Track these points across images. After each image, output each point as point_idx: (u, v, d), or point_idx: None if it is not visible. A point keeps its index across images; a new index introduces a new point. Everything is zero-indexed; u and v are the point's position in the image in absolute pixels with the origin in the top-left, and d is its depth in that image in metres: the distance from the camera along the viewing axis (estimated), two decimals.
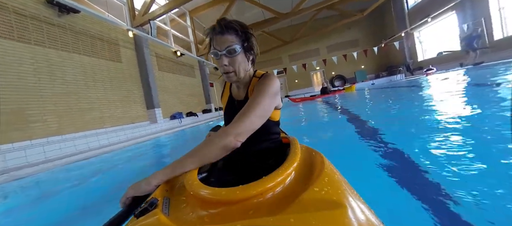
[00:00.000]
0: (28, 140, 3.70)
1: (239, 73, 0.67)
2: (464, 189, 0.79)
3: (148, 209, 0.37)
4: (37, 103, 3.93)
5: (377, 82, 12.79)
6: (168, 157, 3.09)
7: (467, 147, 1.16)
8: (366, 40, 16.04)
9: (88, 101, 4.91)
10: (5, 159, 3.06)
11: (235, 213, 0.35)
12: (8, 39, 3.64)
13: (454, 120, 1.76)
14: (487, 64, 7.45)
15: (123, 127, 5.70)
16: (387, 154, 1.33)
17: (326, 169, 0.42)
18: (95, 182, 2.08)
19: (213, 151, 0.54)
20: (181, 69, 9.41)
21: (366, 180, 1.03)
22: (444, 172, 0.94)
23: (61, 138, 4.22)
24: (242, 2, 10.03)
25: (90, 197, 1.58)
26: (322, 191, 0.34)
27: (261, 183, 0.38)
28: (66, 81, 4.51)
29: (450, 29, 10.21)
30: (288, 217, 0.28)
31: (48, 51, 4.25)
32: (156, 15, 6.55)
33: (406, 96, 4.42)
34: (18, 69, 3.72)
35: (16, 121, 3.58)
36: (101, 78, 5.34)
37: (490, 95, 2.57)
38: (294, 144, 0.58)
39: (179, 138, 4.84)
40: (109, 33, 5.82)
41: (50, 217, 1.30)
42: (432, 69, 9.65)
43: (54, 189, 2.09)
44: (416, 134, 1.69)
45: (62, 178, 2.56)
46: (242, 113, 0.59)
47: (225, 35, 0.64)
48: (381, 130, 1.94)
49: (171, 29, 8.98)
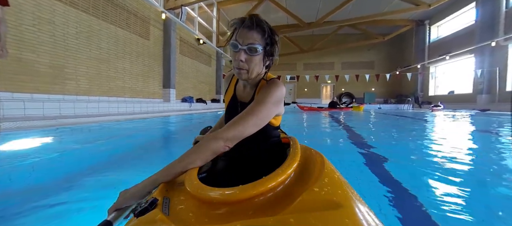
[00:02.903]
0: (61, 95, 4.13)
1: (251, 73, 0.66)
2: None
3: (148, 209, 0.37)
4: (74, 64, 4.36)
5: (383, 107, 12.96)
6: (176, 134, 3.41)
7: (459, 184, 1.27)
8: (381, 64, 16.17)
9: (115, 70, 5.33)
10: (43, 107, 3.49)
11: (235, 213, 0.35)
12: (60, 2, 4.06)
13: (447, 154, 1.97)
14: (493, 112, 7.61)
15: (140, 99, 6.13)
16: (379, 170, 1.54)
17: (326, 169, 0.42)
18: (113, 143, 2.42)
19: (203, 154, 0.55)
20: (199, 56, 9.80)
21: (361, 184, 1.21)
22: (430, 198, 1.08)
23: (87, 99, 4.65)
24: (269, 3, 10.33)
25: (108, 155, 1.93)
26: (322, 191, 0.34)
27: (261, 183, 0.38)
28: (100, 48, 4.93)
29: (465, 71, 10.33)
30: (288, 217, 0.28)
31: (90, 18, 4.66)
32: (189, 2, 6.92)
33: (406, 125, 4.69)
34: (65, 30, 4.14)
35: (57, 75, 4.01)
36: (129, 51, 5.76)
37: (488, 141, 2.80)
38: (294, 144, 0.58)
39: (187, 121, 5.14)
40: (144, 11, 6.22)
41: (80, 164, 1.67)
42: (439, 106, 9.79)
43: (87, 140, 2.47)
44: (406, 158, 1.93)
45: (86, 134, 2.93)
46: (238, 117, 0.59)
47: (252, 31, 0.62)
48: (373, 146, 2.25)
49: (197, 16, 9.36)
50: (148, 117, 5.32)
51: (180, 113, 6.79)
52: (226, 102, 0.79)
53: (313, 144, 2.66)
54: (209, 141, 0.56)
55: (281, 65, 17.08)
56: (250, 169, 0.64)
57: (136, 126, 3.83)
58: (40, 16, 3.73)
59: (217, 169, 0.69)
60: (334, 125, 4.55)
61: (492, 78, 8.57)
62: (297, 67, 17.33)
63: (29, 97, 3.59)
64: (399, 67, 14.34)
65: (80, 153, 1.96)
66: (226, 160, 0.71)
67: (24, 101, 3.21)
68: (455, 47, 10.21)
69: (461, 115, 6.96)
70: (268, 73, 0.72)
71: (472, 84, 9.78)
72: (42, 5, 3.76)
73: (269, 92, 0.62)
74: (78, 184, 1.20)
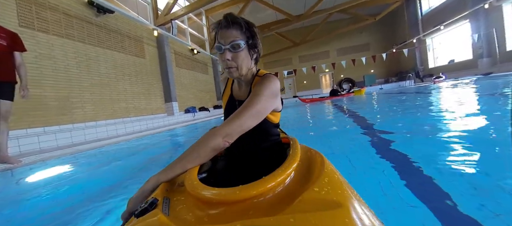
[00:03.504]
0: (70, 124, 4.29)
1: (241, 69, 0.67)
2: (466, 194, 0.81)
3: (148, 209, 0.37)
4: (78, 92, 4.52)
5: (385, 87, 12.88)
6: (184, 145, 3.54)
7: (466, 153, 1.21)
8: (377, 45, 16.08)
9: (117, 92, 5.49)
10: (55, 138, 3.64)
11: (235, 213, 0.35)
12: (58, 36, 4.22)
13: (452, 125, 1.93)
14: (496, 75, 7.52)
15: (145, 117, 6.27)
16: (385, 150, 1.48)
17: (326, 169, 0.42)
18: (126, 161, 2.55)
19: (203, 152, 0.55)
20: (195, 66, 9.94)
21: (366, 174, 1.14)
22: (439, 171, 1.02)
23: (95, 124, 4.80)
24: (256, 3, 10.42)
25: (124, 172, 2.04)
26: (322, 191, 0.35)
27: (261, 183, 0.39)
28: (101, 74, 5.09)
29: (463, 38, 10.21)
30: (288, 217, 0.28)
31: (87, 47, 4.83)
32: (178, 15, 7.06)
33: (409, 101, 4.69)
34: (66, 62, 4.31)
35: (64, 106, 4.17)
36: (128, 72, 5.92)
37: (495, 104, 2.74)
38: (294, 144, 0.58)
39: (193, 131, 5.25)
40: (136, 31, 6.38)
41: (102, 183, 1.78)
42: (441, 77, 9.71)
43: (102, 163, 2.59)
44: (410, 136, 1.91)
45: (101, 157, 3.06)
46: (235, 113, 0.60)
47: (230, 29, 0.64)
48: (377, 127, 2.29)
49: (188, 27, 9.51)
50: (155, 132, 5.44)
51: (185, 124, 6.91)
52: (224, 102, 0.81)
53: (319, 135, 2.66)
54: (207, 138, 0.56)
55: (277, 61, 17.14)
56: (250, 169, 0.64)
57: (145, 143, 3.95)
58: (41, 53, 3.90)
59: (217, 169, 0.69)
60: (337, 113, 4.59)
61: (490, 41, 8.46)
62: (293, 61, 17.35)
63: (41, 131, 3.75)
64: (395, 45, 14.23)
65: (100, 174, 2.07)
66: (226, 160, 0.72)
67: (38, 136, 3.36)
68: (448, 15, 10.10)
69: (464, 83, 6.90)
70: (261, 70, 0.74)
71: (471, 50, 9.66)
72: (41, 42, 3.93)
73: (263, 85, 0.63)
74: (102, 201, 1.30)
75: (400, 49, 12.97)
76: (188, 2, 8.50)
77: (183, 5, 7.90)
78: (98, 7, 4.98)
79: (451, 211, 0.73)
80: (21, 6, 3.69)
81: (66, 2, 4.46)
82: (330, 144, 2.02)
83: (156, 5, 7.32)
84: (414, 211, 0.76)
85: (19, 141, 3.15)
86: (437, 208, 0.75)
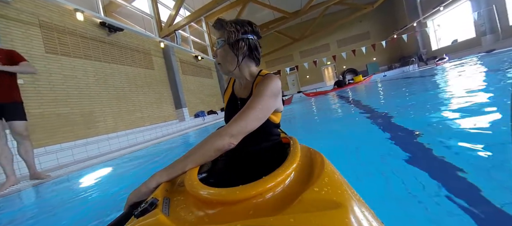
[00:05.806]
0: (96, 136, 4.69)
1: (224, 65, 0.74)
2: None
3: (148, 209, 0.37)
4: (99, 107, 4.92)
5: (389, 74, 12.86)
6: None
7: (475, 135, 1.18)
8: (377, 32, 16.00)
9: (132, 103, 5.88)
10: (86, 150, 4.03)
11: (235, 213, 0.35)
12: (78, 58, 4.63)
13: (455, 106, 1.92)
14: (499, 51, 7.47)
15: (159, 124, 6.66)
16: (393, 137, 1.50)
17: (326, 169, 0.42)
18: (146, 166, 2.85)
19: (207, 152, 0.55)
20: (200, 72, 10.30)
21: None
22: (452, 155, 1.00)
23: (116, 135, 5.20)
24: (253, 5, 10.67)
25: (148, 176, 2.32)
26: (322, 191, 0.34)
27: (261, 183, 0.39)
28: (116, 88, 5.49)
29: (464, 17, 10.11)
30: (288, 217, 0.28)
31: (103, 65, 5.23)
32: (180, 25, 7.41)
33: (413, 85, 4.82)
34: (86, 80, 4.71)
35: (89, 121, 4.58)
36: (140, 84, 6.31)
37: (500, 80, 2.77)
38: (294, 144, 0.58)
39: (204, 133, 5.53)
40: (144, 45, 6.77)
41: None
42: (444, 59, 9.67)
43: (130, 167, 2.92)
44: (414, 121, 1.91)
45: (129, 164, 3.40)
46: (239, 113, 0.60)
47: (216, 31, 0.74)
48: (380, 116, 2.48)
49: (190, 35, 9.87)
50: (170, 138, 5.80)
51: (196, 128, 7.25)
52: (225, 100, 0.83)
53: (325, 129, 2.76)
54: (212, 138, 0.56)
55: (278, 59, 17.33)
56: (251, 169, 0.64)
57: (162, 148, 4.28)
58: (65, 74, 4.31)
59: (217, 168, 0.69)
60: (343, 104, 4.79)
61: (491, 18, 8.40)
62: (294, 58, 17.49)
63: (72, 145, 4.15)
64: (396, 31, 14.15)
65: (131, 176, 2.39)
66: (227, 160, 0.72)
67: (72, 149, 3.76)
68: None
69: (467, 62, 6.92)
70: (263, 70, 0.75)
71: (473, 28, 9.57)
72: (64, 65, 4.34)
73: (265, 85, 0.64)
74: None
75: (401, 34, 12.92)
76: (188, 12, 8.85)
77: (184, 15, 8.25)
78: (109, 27, 5.37)
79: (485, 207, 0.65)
80: (46, 34, 4.10)
81: (81, 25, 4.86)
82: (341, 138, 1.99)
83: (159, 18, 7.70)
84: (421, 211, 0.71)
85: (57, 154, 3.54)
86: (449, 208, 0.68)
